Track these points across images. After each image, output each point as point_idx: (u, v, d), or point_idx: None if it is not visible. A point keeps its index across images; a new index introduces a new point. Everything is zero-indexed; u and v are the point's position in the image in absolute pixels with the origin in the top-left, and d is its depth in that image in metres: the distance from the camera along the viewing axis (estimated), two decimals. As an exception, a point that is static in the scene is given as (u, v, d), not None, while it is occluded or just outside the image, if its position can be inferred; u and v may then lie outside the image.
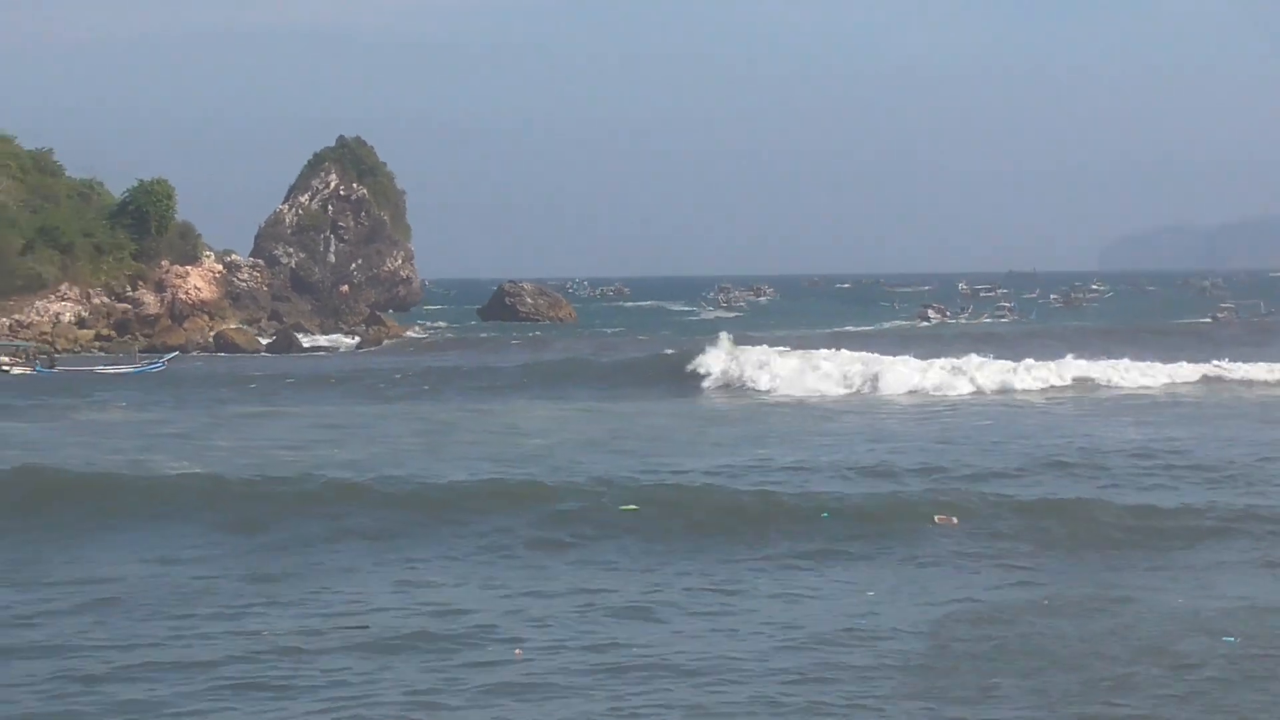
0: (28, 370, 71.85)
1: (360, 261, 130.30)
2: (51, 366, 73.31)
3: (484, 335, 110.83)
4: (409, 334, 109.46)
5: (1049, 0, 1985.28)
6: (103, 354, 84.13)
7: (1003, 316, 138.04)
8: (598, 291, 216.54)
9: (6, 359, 73.46)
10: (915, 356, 59.62)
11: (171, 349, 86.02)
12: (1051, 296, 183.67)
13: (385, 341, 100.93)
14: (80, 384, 64.73)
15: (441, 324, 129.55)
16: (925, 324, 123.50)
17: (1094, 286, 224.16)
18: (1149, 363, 59.88)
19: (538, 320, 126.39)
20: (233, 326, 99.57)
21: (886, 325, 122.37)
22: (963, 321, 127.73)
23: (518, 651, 17.85)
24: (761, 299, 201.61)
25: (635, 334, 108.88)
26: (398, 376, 65.71)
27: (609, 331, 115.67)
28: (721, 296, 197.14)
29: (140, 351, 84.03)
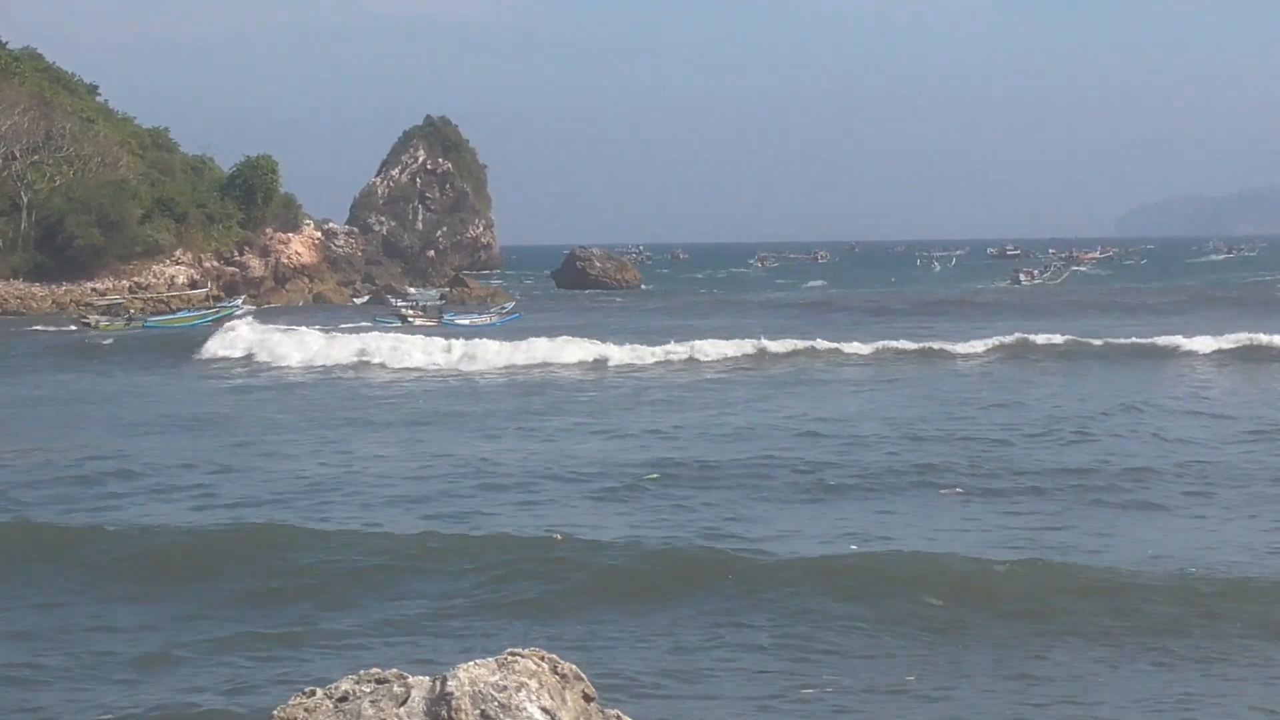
0: (432, 323, 70.11)
1: (445, 229, 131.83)
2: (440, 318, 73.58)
3: (538, 294, 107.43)
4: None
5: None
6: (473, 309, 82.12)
7: (1061, 272, 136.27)
8: (651, 258, 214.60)
9: (413, 311, 74.97)
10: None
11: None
12: (1049, 251, 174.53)
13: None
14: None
15: (529, 281, 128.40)
16: (1018, 286, 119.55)
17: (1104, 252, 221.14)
18: None
19: (606, 284, 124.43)
20: (330, 287, 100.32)
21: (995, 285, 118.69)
22: (1055, 284, 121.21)
23: (557, 535, 17.45)
24: (818, 263, 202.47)
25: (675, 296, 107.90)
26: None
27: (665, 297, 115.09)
28: (761, 262, 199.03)
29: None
